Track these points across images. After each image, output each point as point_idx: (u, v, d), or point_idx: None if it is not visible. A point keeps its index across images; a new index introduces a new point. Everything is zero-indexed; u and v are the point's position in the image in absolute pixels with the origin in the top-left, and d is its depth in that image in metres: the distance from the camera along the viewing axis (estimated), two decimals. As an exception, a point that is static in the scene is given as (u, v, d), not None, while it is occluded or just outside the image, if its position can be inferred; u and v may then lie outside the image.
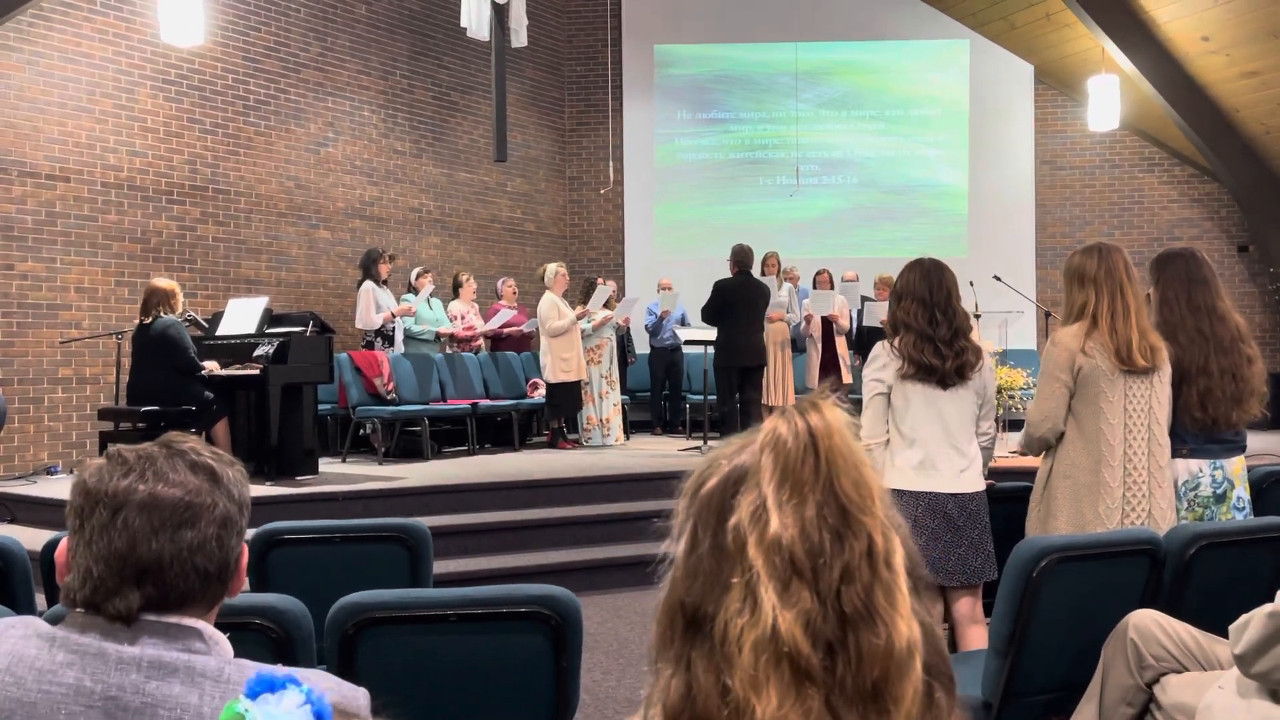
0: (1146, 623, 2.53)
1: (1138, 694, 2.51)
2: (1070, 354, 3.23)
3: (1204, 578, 2.80)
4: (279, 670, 0.89)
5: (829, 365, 9.63)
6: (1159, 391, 3.27)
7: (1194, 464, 3.36)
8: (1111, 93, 10.55)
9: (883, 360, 3.44)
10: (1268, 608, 2.05)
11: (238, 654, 1.31)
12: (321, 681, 1.27)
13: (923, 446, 3.37)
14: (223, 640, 1.30)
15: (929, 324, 3.36)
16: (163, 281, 6.57)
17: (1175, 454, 3.34)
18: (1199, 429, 3.34)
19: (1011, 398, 5.32)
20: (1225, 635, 2.19)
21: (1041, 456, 3.41)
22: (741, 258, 8.14)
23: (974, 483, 3.42)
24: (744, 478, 0.73)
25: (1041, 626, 2.63)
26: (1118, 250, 3.29)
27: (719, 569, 0.71)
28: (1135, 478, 3.21)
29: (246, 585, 1.47)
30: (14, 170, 7.42)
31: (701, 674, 0.70)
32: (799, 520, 0.70)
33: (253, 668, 1.25)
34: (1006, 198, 11.95)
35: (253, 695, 0.87)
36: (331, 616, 2.16)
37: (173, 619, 1.25)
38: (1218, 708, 2.21)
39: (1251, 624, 2.07)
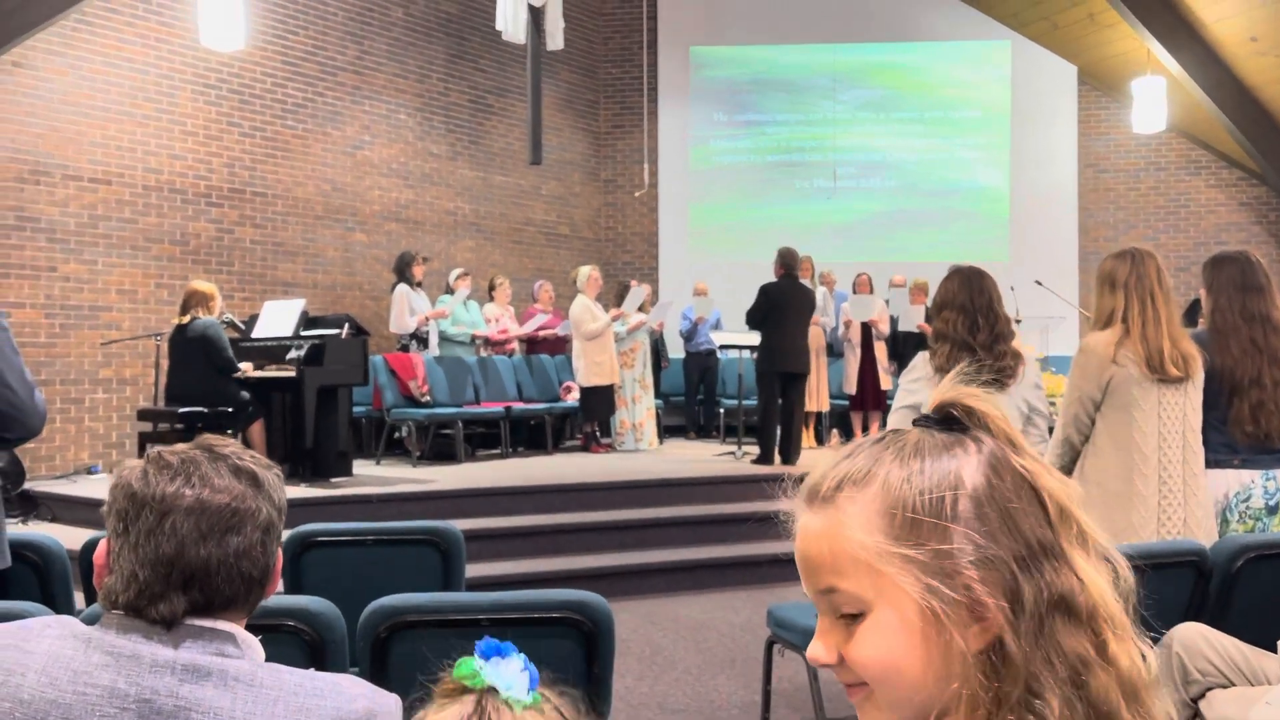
0: (1192, 636, 2.47)
1: (1183, 710, 2.45)
2: (1101, 362, 3.16)
3: (1252, 590, 2.73)
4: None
5: (867, 371, 9.53)
6: (1193, 399, 3.19)
7: (1246, 475, 3.28)
8: (1157, 94, 10.37)
9: (919, 373, 3.31)
10: (1321, 623, 1.98)
11: (271, 656, 1.31)
12: (353, 687, 1.26)
13: None
14: (255, 644, 1.30)
15: (969, 331, 3.24)
16: (202, 284, 6.63)
17: (1226, 465, 3.27)
18: (1251, 442, 3.26)
19: (1052, 404, 5.22)
20: (1273, 649, 2.13)
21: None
22: (788, 261, 7.88)
23: None
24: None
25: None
26: (1150, 256, 3.21)
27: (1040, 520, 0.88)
28: (1170, 486, 3.14)
29: (281, 587, 1.46)
30: (58, 173, 7.53)
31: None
32: None
33: (285, 672, 1.25)
34: (1049, 201, 11.77)
35: (485, 656, 0.92)
36: (364, 620, 2.15)
37: (208, 623, 1.25)
38: (1268, 726, 2.14)
39: (1304, 640, 2.01)
